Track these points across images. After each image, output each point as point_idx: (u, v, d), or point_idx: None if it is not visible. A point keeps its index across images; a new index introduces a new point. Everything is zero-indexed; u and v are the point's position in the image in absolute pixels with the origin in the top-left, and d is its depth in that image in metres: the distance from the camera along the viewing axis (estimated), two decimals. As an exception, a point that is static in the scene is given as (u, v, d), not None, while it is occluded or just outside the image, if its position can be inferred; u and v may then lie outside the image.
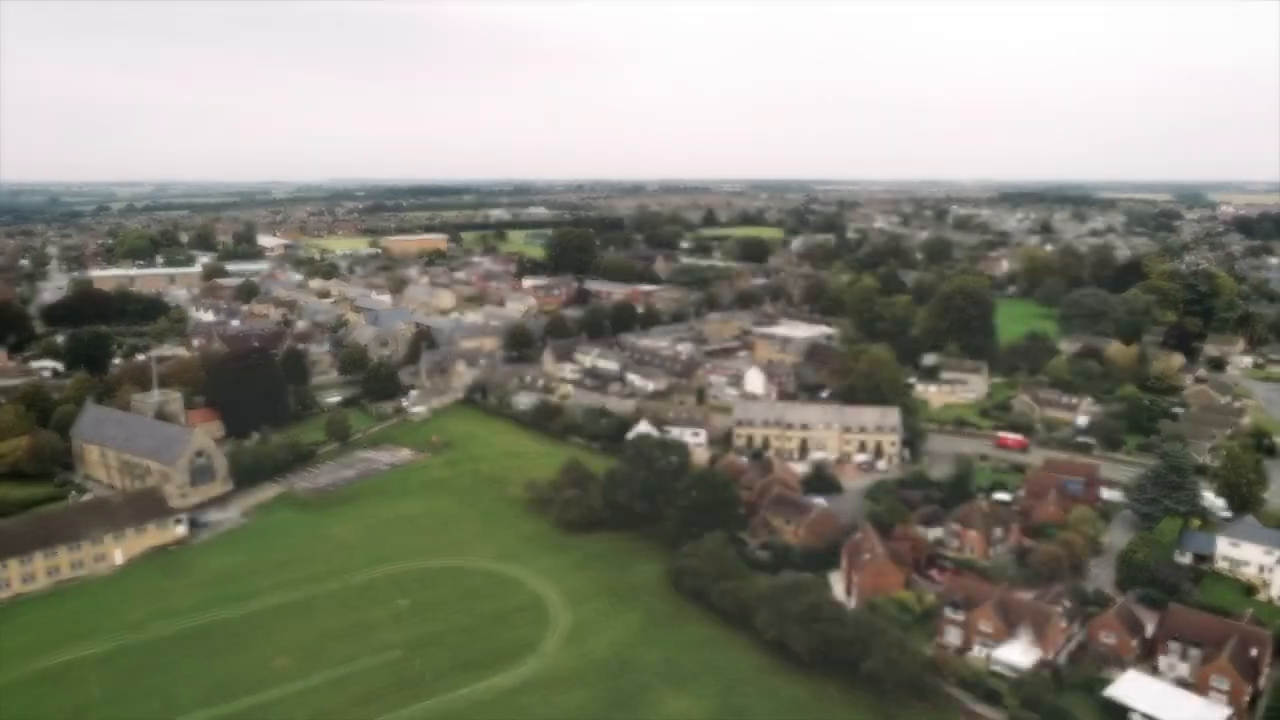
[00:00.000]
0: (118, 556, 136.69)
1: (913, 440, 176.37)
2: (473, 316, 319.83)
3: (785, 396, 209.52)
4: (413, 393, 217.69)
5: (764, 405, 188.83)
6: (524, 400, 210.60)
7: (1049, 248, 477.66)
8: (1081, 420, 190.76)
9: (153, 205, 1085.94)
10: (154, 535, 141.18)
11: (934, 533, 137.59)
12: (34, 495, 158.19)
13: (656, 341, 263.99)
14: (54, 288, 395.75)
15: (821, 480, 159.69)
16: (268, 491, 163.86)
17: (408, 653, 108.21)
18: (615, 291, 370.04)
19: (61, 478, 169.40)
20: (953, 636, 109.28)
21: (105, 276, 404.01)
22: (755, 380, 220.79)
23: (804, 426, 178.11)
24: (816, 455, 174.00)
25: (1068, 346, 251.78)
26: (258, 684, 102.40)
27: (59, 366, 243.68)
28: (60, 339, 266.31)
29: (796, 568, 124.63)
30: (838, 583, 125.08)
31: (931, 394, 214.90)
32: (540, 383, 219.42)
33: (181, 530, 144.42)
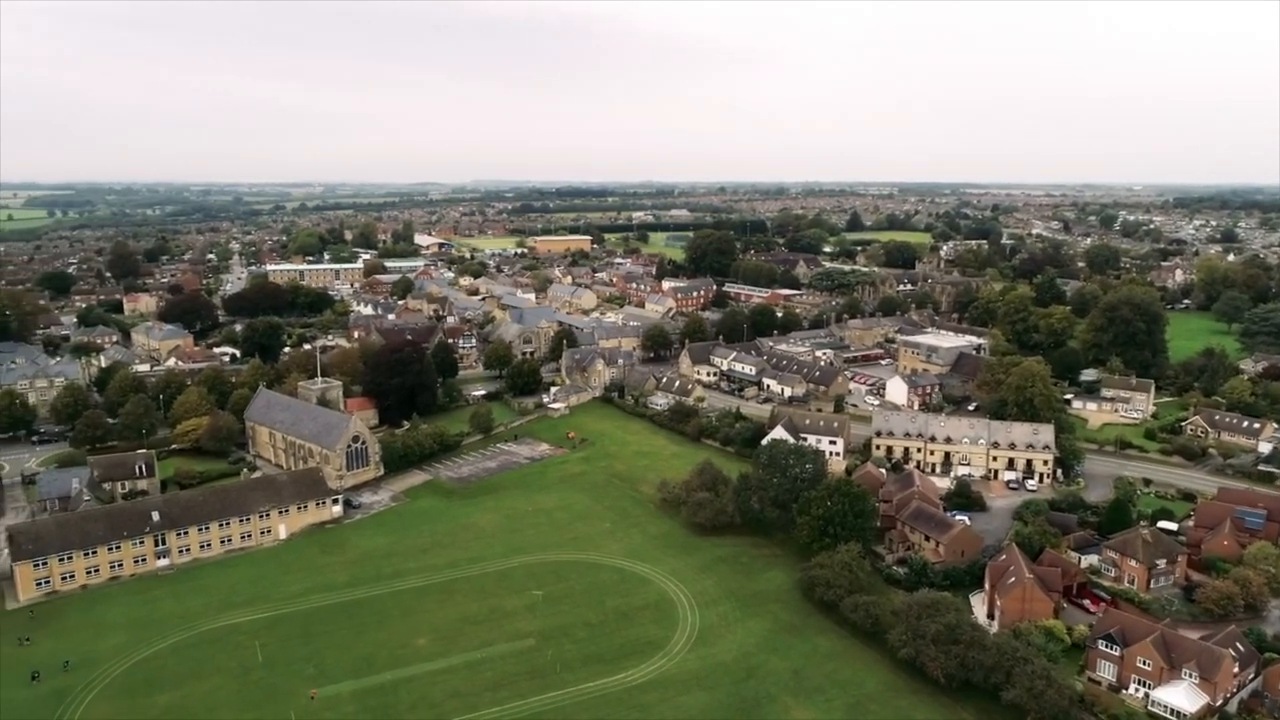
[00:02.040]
0: (281, 531, 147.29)
1: (1067, 460, 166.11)
2: (612, 316, 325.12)
3: (929, 408, 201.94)
4: (553, 389, 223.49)
5: (906, 416, 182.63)
6: (659, 401, 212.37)
7: (1231, 258, 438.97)
8: (1265, 447, 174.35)
9: (322, 205, 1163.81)
10: (313, 513, 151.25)
11: (1088, 560, 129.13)
12: (212, 470, 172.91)
13: (795, 347, 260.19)
14: (235, 280, 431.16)
15: (965, 497, 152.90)
16: (415, 478, 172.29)
17: (540, 642, 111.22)
18: (754, 295, 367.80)
19: (236, 456, 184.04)
20: (1105, 672, 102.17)
21: (279, 271, 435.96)
22: (897, 390, 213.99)
23: (948, 440, 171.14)
24: (960, 471, 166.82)
25: (1250, 366, 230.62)
26: (400, 660, 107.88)
27: (236, 353, 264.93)
28: (239, 328, 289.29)
29: (935, 586, 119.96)
30: (979, 605, 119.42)
31: (1090, 412, 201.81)
32: (676, 384, 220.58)
33: (337, 510, 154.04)
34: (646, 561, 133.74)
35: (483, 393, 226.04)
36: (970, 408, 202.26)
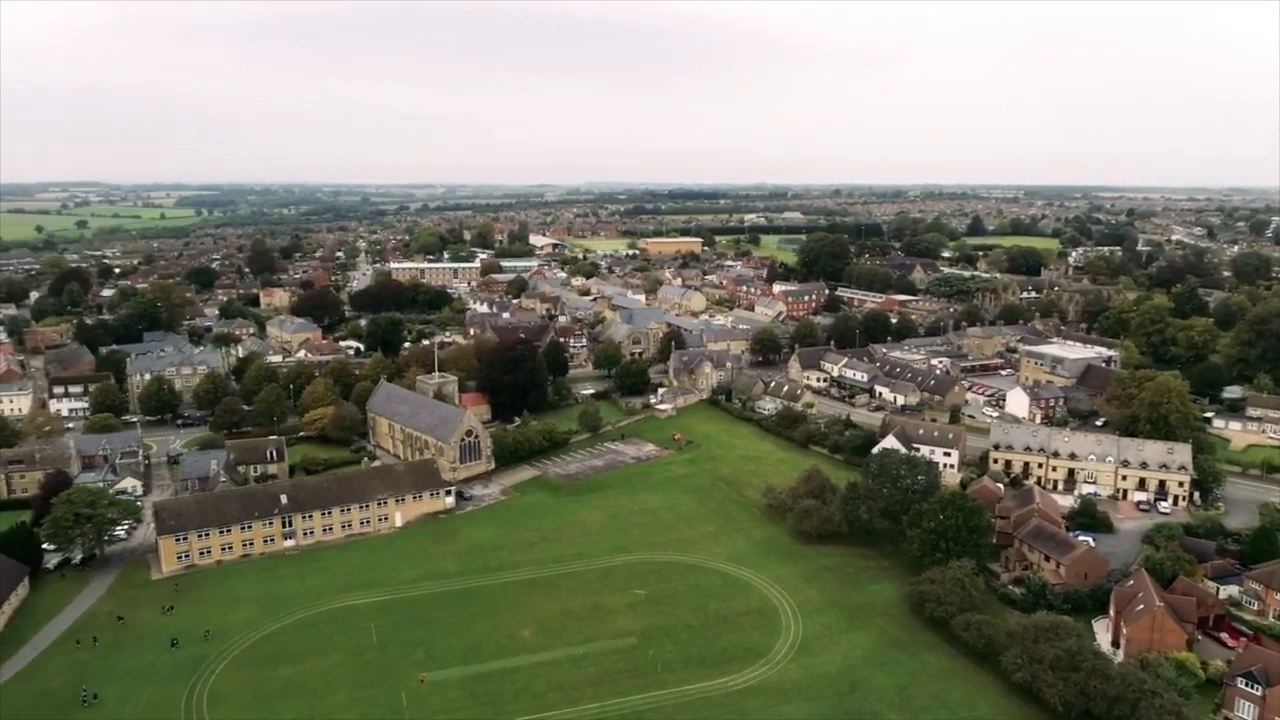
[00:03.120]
0: (397, 519, 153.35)
1: (1205, 482, 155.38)
2: (722, 319, 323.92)
3: (1052, 422, 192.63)
4: (660, 390, 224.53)
5: (1027, 429, 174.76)
6: (767, 405, 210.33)
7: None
8: None
9: (443, 206, 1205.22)
10: (427, 503, 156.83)
11: (1227, 590, 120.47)
12: (335, 458, 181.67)
13: (909, 354, 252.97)
14: (361, 277, 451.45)
15: (1090, 517, 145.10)
16: (524, 473, 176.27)
17: (641, 641, 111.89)
18: (868, 300, 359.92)
19: (357, 445, 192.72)
20: (1244, 712, 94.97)
21: (401, 269, 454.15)
22: (1019, 402, 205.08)
23: (1073, 456, 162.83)
24: (1086, 489, 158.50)
25: None
26: (505, 650, 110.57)
27: (360, 347, 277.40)
28: (363, 323, 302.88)
29: (1054, 609, 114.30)
30: (1102, 632, 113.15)
31: (1233, 432, 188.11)
32: (785, 389, 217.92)
33: (450, 501, 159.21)
34: (750, 567, 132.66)
35: (591, 392, 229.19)
36: (1098, 423, 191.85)
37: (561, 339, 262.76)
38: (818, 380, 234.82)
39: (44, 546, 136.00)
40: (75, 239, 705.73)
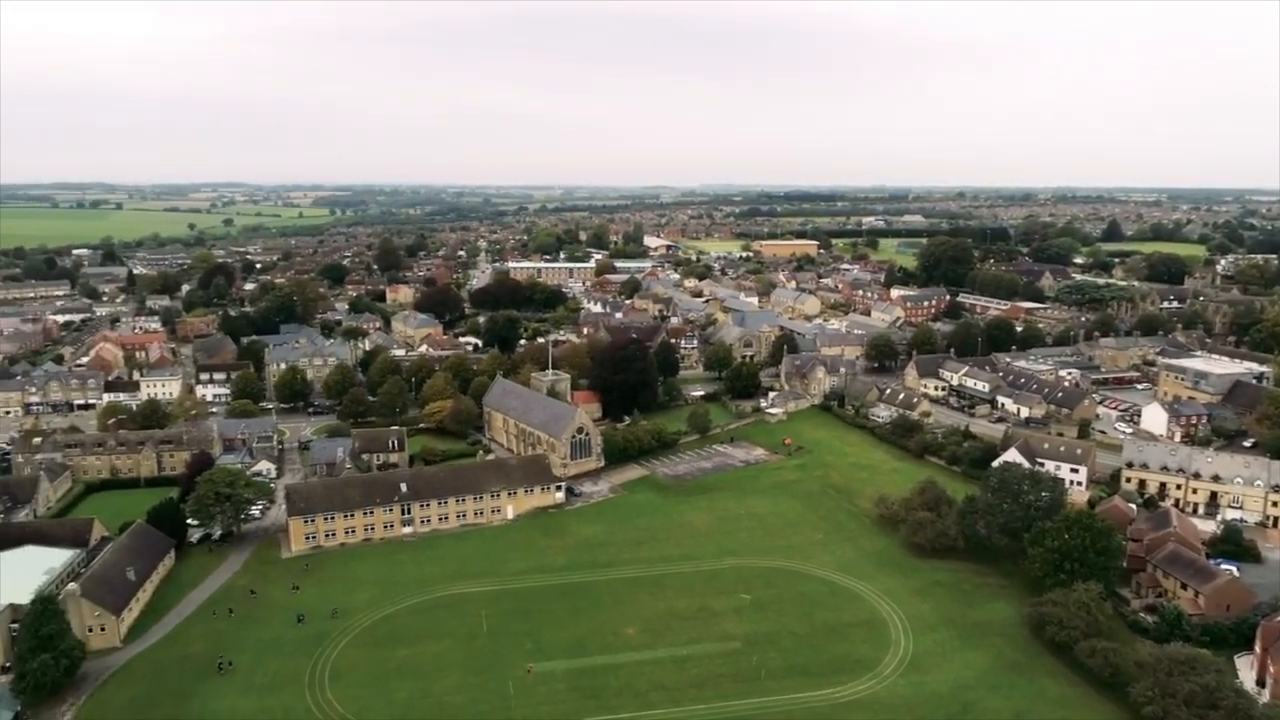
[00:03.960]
0: (509, 511, 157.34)
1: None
2: (836, 323, 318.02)
3: (1193, 441, 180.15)
4: (771, 394, 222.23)
5: (1164, 448, 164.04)
6: (882, 413, 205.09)
7: None
8: None
9: (560, 207, 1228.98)
10: (538, 498, 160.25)
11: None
12: (452, 450, 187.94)
13: (1035, 364, 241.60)
14: (481, 275, 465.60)
15: (1235, 544, 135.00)
16: (632, 472, 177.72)
17: (745, 646, 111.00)
18: (991, 307, 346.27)
19: (473, 438, 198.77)
20: None
21: (519, 268, 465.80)
22: (1156, 418, 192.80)
23: (1216, 478, 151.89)
24: (1230, 514, 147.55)
25: None
26: (609, 646, 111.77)
27: (478, 343, 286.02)
28: (482, 320, 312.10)
29: (1191, 640, 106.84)
30: (1246, 669, 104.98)
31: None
32: (900, 396, 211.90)
33: (560, 496, 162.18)
34: (859, 577, 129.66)
35: (701, 393, 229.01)
36: (1246, 444, 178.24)
37: (673, 340, 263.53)
38: (935, 389, 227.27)
39: (188, 522, 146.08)
40: (222, 236, 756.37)
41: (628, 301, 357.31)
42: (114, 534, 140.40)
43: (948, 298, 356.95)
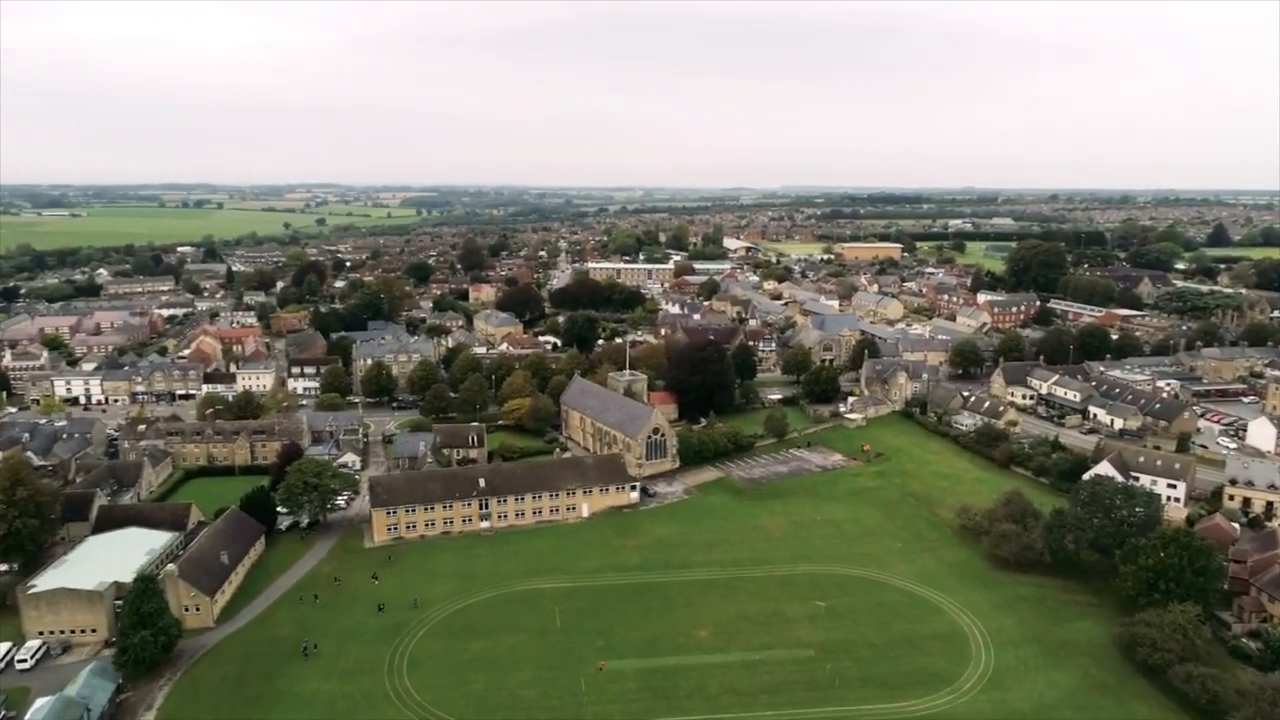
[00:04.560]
0: (584, 510, 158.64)
1: None
2: (919, 328, 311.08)
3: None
4: (851, 399, 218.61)
5: (1273, 465, 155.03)
6: (965, 421, 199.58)
7: None
8: None
9: (640, 208, 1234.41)
10: (613, 497, 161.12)
11: None
12: (529, 447, 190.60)
13: (1131, 374, 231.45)
14: (560, 275, 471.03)
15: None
16: (707, 474, 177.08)
17: (819, 654, 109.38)
18: (1084, 313, 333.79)
19: (550, 435, 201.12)
20: None
21: (599, 269, 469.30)
22: (1264, 433, 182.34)
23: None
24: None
25: None
26: (681, 648, 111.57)
27: (557, 342, 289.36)
28: (561, 319, 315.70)
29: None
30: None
31: None
32: (986, 404, 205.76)
33: (634, 496, 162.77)
34: (939, 589, 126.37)
35: (779, 397, 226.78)
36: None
37: (751, 342, 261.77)
38: (1023, 397, 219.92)
39: (278, 510, 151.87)
40: (315, 235, 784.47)
41: (706, 303, 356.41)
42: (209, 519, 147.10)
43: (1038, 303, 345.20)
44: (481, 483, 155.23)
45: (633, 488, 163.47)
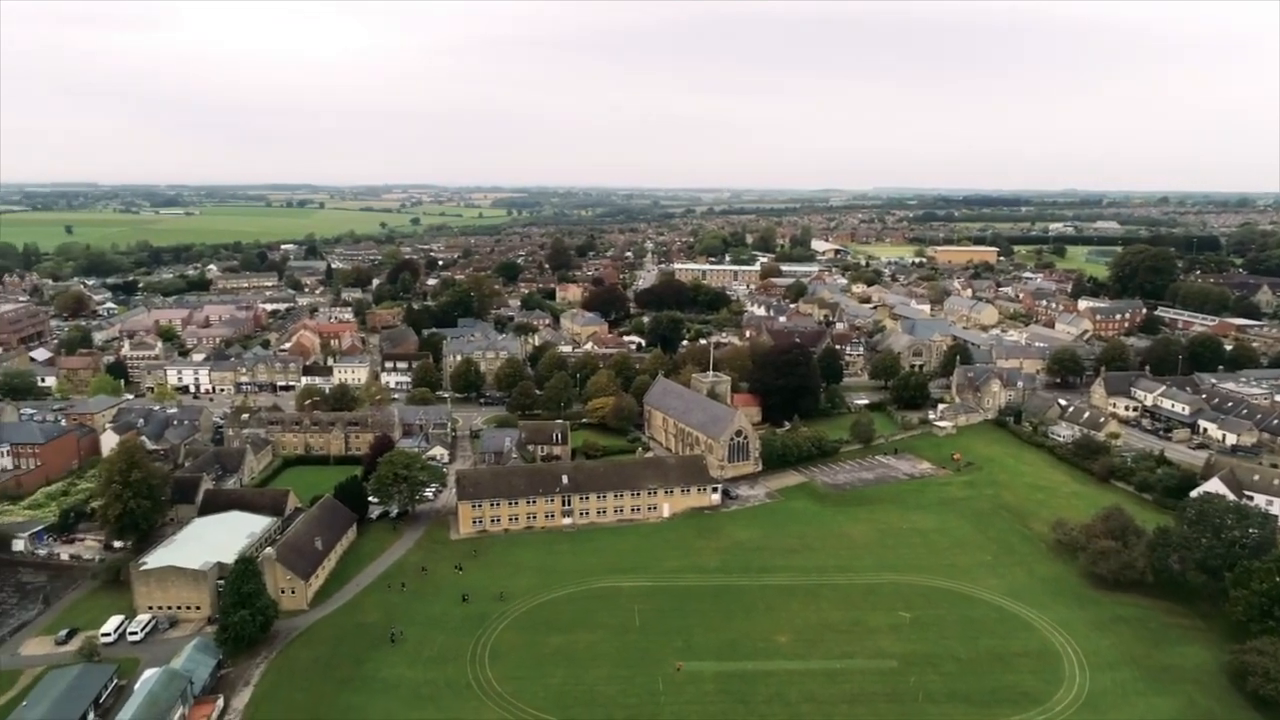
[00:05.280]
0: (665, 510, 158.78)
1: None
2: (1015, 335, 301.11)
3: None
4: (941, 406, 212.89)
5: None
6: (1063, 431, 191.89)
7: None
8: None
9: (728, 209, 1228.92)
10: (694, 498, 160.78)
11: None
12: (612, 445, 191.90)
13: (1247, 387, 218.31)
14: (646, 275, 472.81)
15: None
16: (790, 478, 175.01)
17: (903, 666, 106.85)
18: (1195, 322, 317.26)
19: (633, 435, 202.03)
20: None
21: (684, 269, 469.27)
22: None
23: None
24: None
25: None
26: (760, 653, 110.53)
27: (642, 342, 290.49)
28: (646, 319, 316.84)
29: None
30: None
31: None
32: (1085, 415, 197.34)
33: (715, 498, 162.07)
34: (1030, 604, 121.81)
35: (865, 402, 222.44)
36: None
37: (838, 346, 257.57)
38: (1126, 409, 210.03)
39: (369, 499, 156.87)
40: (409, 234, 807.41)
41: (792, 305, 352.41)
42: (305, 505, 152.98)
43: (1144, 311, 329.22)
44: (564, 479, 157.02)
45: (714, 489, 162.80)
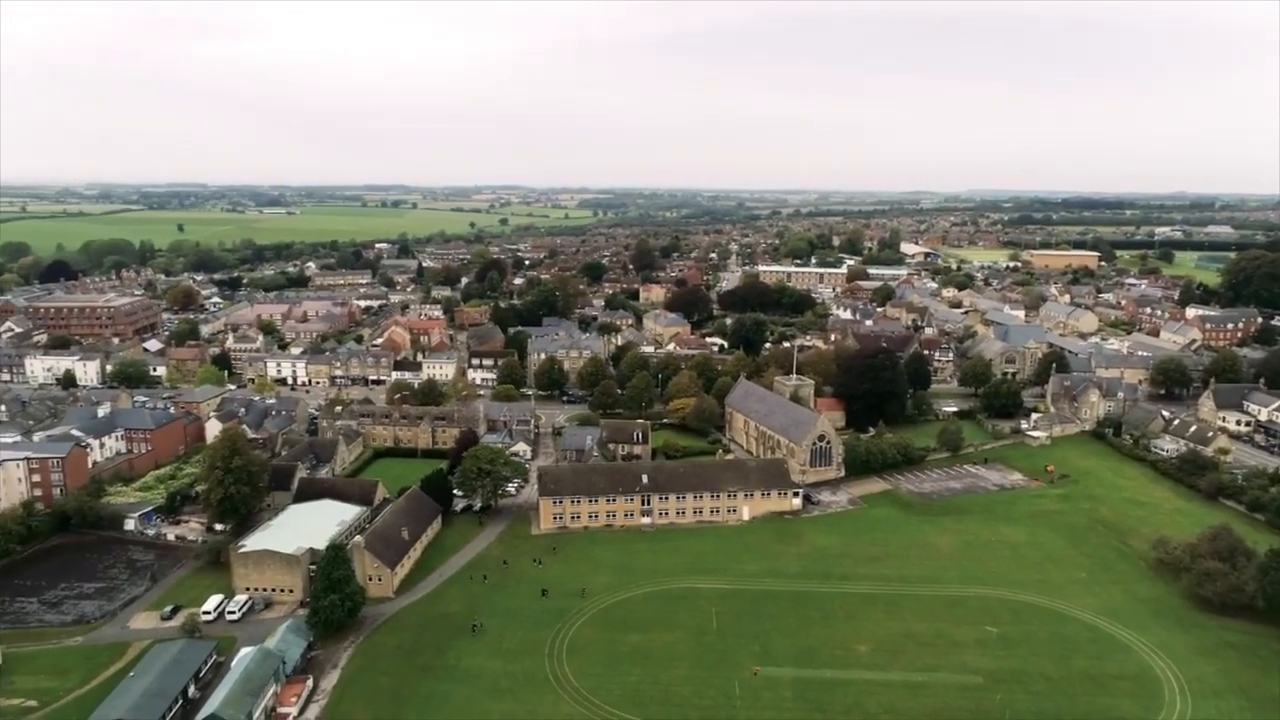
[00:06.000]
0: (744, 513, 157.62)
1: None
2: (1116, 343, 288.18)
3: None
4: (1034, 416, 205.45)
5: None
6: (1167, 445, 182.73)
7: None
8: None
9: (814, 211, 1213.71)
10: (774, 502, 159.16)
11: None
12: (692, 446, 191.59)
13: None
14: (730, 277, 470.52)
15: None
16: (874, 485, 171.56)
17: (989, 682, 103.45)
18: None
19: (713, 436, 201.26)
20: None
21: (769, 271, 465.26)
22: None
23: None
24: None
25: None
26: (839, 661, 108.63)
27: (724, 344, 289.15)
28: (729, 321, 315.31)
29: None
30: None
31: None
32: (1191, 429, 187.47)
33: (796, 503, 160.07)
34: (1128, 625, 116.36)
35: (954, 410, 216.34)
36: None
37: (926, 351, 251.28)
38: (1237, 423, 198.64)
39: (454, 492, 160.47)
40: (498, 234, 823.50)
41: (879, 309, 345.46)
42: (393, 496, 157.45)
43: (1259, 320, 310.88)
44: (644, 479, 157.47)
45: (795, 494, 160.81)
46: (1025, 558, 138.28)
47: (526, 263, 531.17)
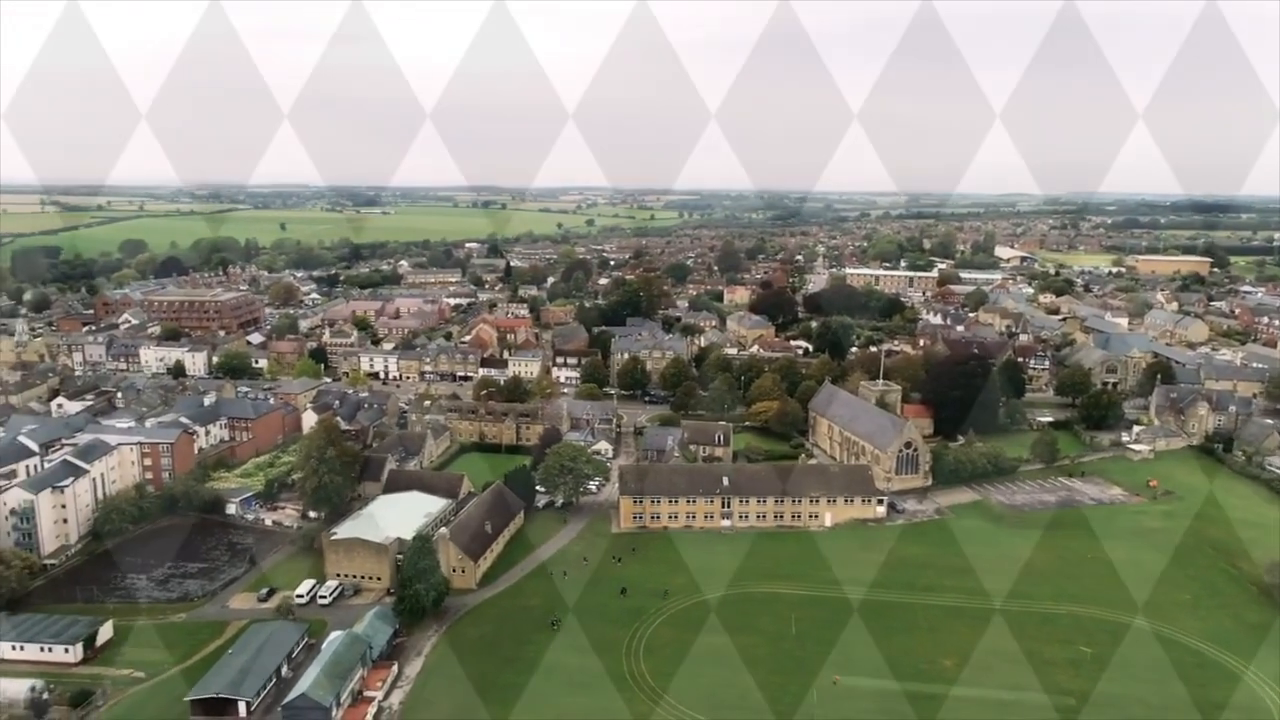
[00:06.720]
0: (827, 519, 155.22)
1: None
2: (1228, 354, 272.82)
3: None
4: (1136, 428, 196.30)
5: None
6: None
7: None
8: None
9: (904, 214, 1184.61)
10: (858, 509, 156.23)
11: None
12: (775, 449, 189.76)
13: None
14: (816, 279, 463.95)
15: None
16: (962, 495, 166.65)
17: (1082, 705, 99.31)
18: None
19: (796, 440, 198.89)
20: None
21: (856, 274, 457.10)
22: None
23: None
24: None
25: None
26: (922, 674, 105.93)
27: (809, 347, 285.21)
28: (814, 324, 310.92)
29: None
30: None
31: None
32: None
33: (881, 511, 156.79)
34: (1237, 653, 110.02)
35: (1049, 420, 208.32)
36: None
37: (1020, 358, 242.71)
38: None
39: (536, 488, 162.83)
40: (584, 234, 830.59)
41: (971, 314, 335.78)
42: (478, 490, 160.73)
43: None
44: (725, 481, 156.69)
45: (879, 501, 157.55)
46: (1124, 577, 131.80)
47: (611, 263, 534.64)
